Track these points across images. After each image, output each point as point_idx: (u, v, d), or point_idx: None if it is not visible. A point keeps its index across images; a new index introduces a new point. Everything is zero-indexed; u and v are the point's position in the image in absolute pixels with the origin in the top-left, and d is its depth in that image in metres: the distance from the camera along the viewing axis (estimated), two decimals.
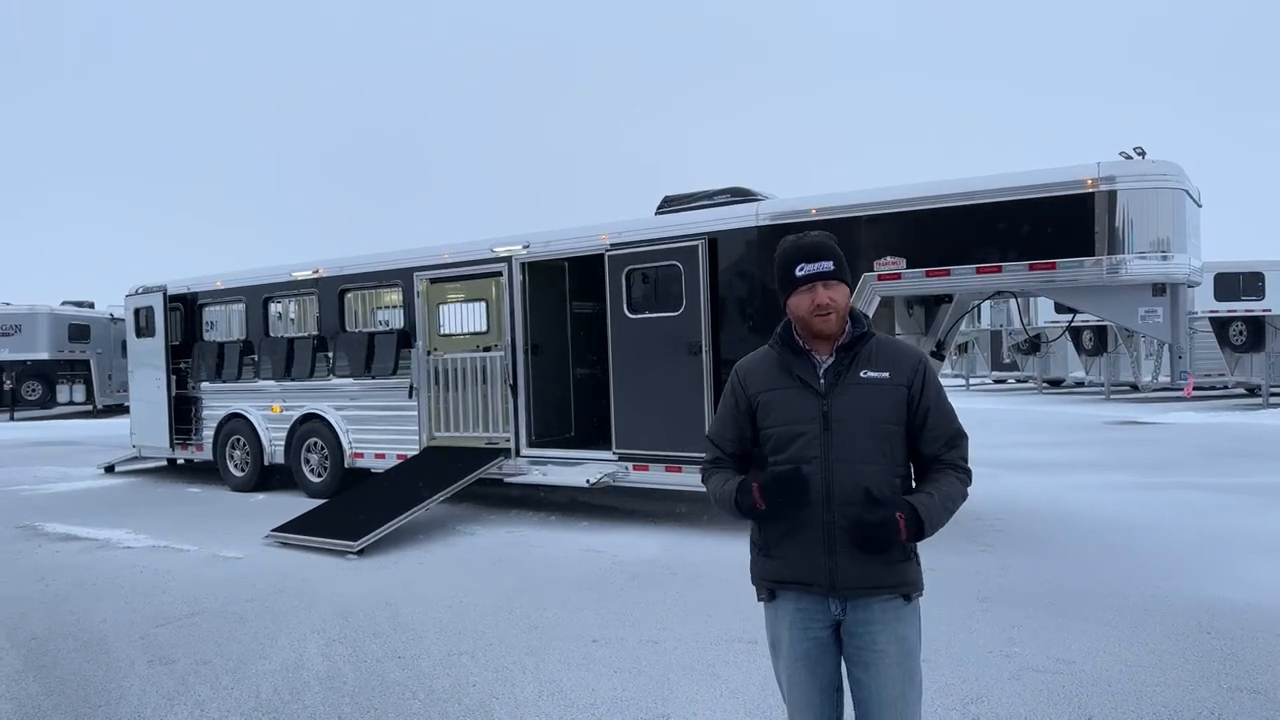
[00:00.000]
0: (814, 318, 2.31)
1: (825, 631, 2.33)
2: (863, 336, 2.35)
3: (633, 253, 7.82)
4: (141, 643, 4.94)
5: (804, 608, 2.33)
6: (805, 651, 2.33)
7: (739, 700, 3.91)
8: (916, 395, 2.33)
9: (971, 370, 31.58)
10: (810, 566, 2.29)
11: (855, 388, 2.30)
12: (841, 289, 2.32)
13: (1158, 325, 6.33)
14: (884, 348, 2.37)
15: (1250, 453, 11.89)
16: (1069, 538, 6.97)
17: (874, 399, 2.29)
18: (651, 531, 7.63)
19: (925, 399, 2.33)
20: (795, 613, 2.34)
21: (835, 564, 2.26)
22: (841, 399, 2.29)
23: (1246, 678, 4.05)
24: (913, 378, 2.33)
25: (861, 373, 2.31)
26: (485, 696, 4.06)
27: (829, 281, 2.30)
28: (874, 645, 2.28)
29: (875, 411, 2.29)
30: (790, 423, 2.31)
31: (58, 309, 23.37)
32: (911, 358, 2.37)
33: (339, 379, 9.94)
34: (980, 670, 4.20)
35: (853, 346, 2.33)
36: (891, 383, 2.31)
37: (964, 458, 2.37)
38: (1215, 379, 21.50)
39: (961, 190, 6.55)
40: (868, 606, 2.29)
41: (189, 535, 7.94)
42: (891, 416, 2.30)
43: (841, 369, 2.32)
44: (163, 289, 11.45)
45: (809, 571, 2.29)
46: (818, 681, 2.34)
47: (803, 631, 2.33)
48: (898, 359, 2.35)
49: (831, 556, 2.26)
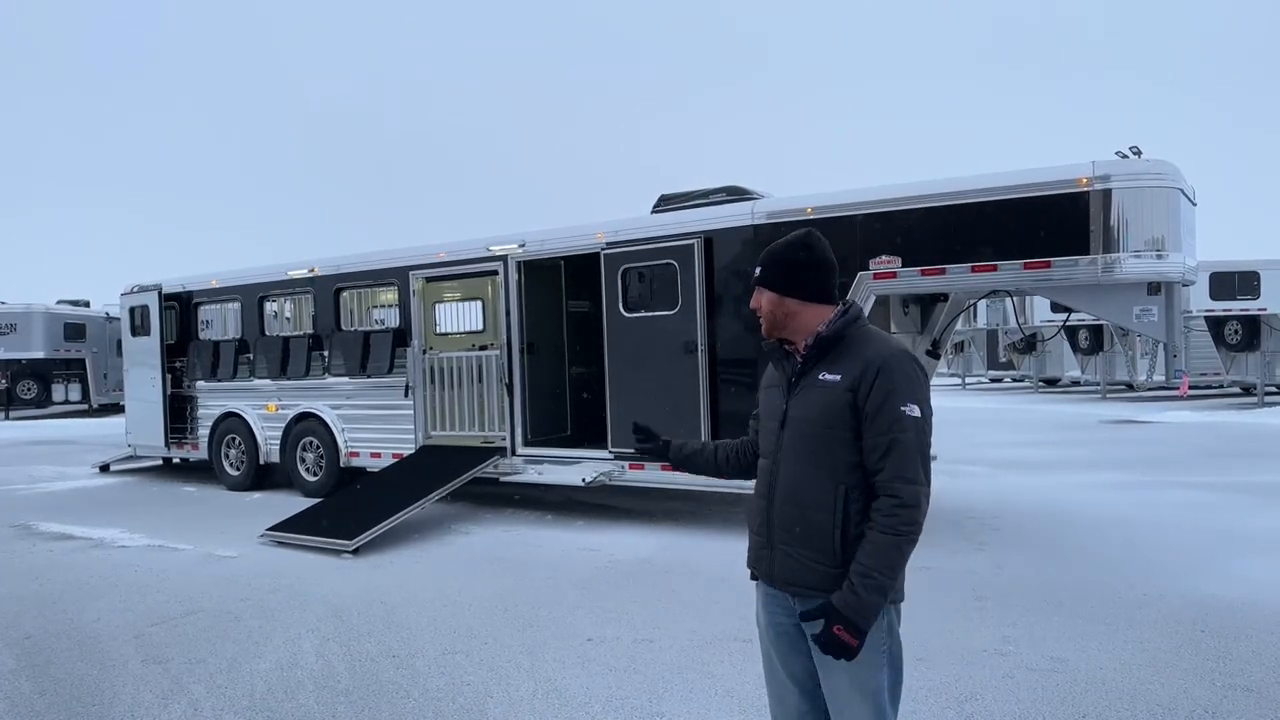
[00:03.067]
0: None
1: (790, 622, 2.33)
2: (834, 337, 2.26)
3: (628, 251, 7.82)
4: (136, 642, 4.93)
5: (771, 596, 2.39)
6: (774, 638, 2.39)
7: (734, 699, 3.92)
8: (863, 399, 2.16)
9: (967, 369, 31.66)
10: (759, 558, 2.39)
11: (809, 389, 2.28)
12: (765, 295, 2.35)
13: (1153, 324, 6.34)
14: (854, 347, 2.24)
15: (1245, 452, 11.91)
16: (1064, 536, 6.98)
17: (818, 402, 2.23)
18: (647, 530, 7.63)
19: (871, 402, 2.15)
20: (764, 598, 2.42)
21: (774, 557, 2.32)
22: (797, 400, 2.31)
23: (1240, 675, 4.06)
24: (858, 381, 2.17)
25: (820, 375, 2.26)
26: (480, 695, 4.06)
27: (758, 287, 2.38)
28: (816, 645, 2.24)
29: (816, 415, 2.23)
30: (766, 419, 2.42)
31: (53, 308, 23.33)
32: (867, 358, 2.19)
33: (335, 378, 9.92)
34: (975, 669, 4.21)
35: (821, 347, 2.28)
36: (841, 386, 2.19)
37: (900, 477, 2.10)
38: (1210, 378, 21.55)
39: (957, 189, 6.55)
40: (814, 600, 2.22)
41: (184, 534, 7.93)
42: (831, 421, 2.19)
43: (806, 369, 2.31)
44: (158, 288, 11.43)
45: (757, 561, 2.40)
46: (789, 670, 2.36)
47: (770, 618, 2.39)
48: (856, 361, 2.20)
49: (771, 550, 2.33)
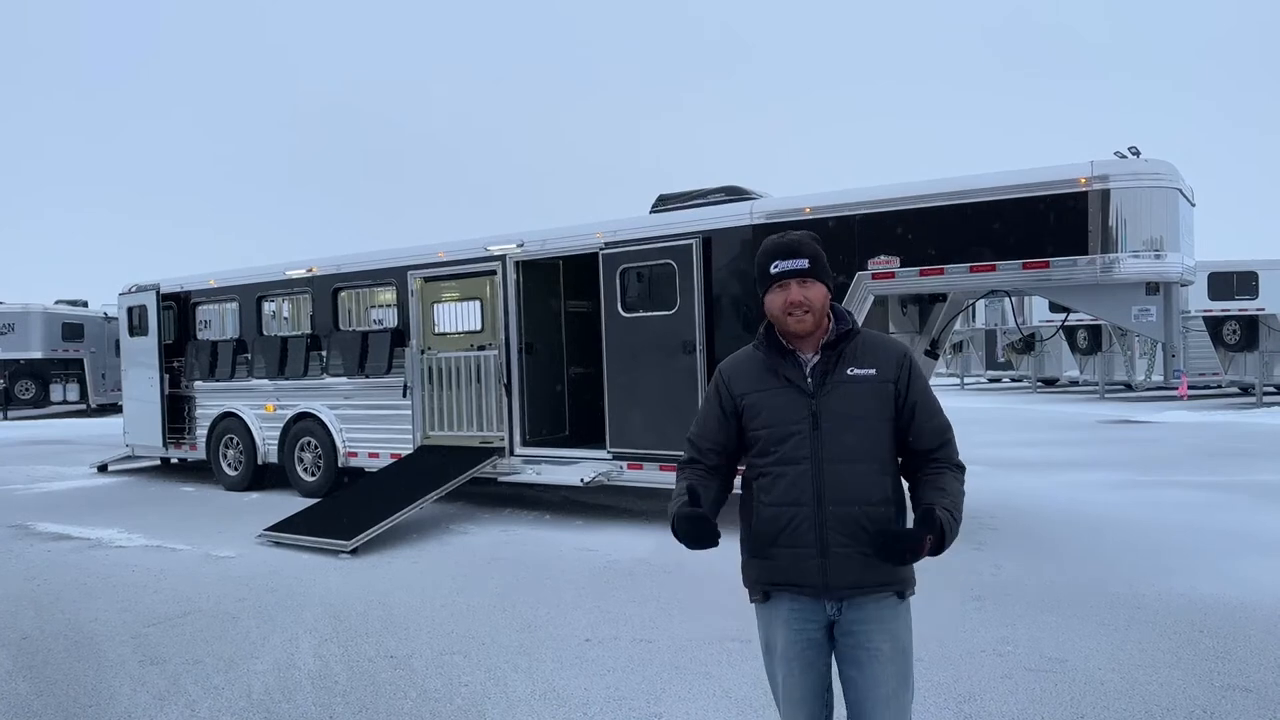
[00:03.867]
0: (787, 316, 2.29)
1: (819, 632, 2.32)
2: (848, 334, 2.33)
3: (627, 251, 7.81)
4: (133, 642, 4.92)
5: (799, 609, 2.31)
6: (799, 652, 2.31)
7: (732, 699, 3.91)
8: (903, 391, 2.31)
9: (966, 369, 31.66)
10: (803, 568, 2.26)
11: (843, 386, 2.28)
12: (817, 287, 2.29)
13: (1151, 324, 6.34)
14: (869, 344, 2.35)
15: (1243, 452, 11.92)
16: (1062, 536, 6.98)
17: (862, 396, 2.28)
18: (645, 531, 7.62)
19: (912, 394, 2.31)
20: (790, 613, 2.32)
21: (828, 565, 2.24)
22: (830, 397, 2.27)
23: (1238, 675, 4.05)
24: (899, 374, 2.31)
25: (848, 370, 2.29)
26: (477, 696, 4.05)
27: (804, 280, 2.28)
28: (868, 643, 2.26)
29: (864, 409, 2.27)
30: (780, 424, 2.29)
31: (51, 308, 23.32)
32: (896, 353, 2.35)
33: (333, 378, 9.91)
34: (973, 669, 4.20)
35: (838, 344, 2.31)
36: (879, 379, 2.29)
37: (955, 451, 2.36)
38: (1209, 378, 21.55)
39: (955, 189, 6.55)
40: (862, 605, 2.27)
41: (182, 534, 7.92)
42: (880, 413, 2.29)
43: (829, 367, 2.30)
44: (156, 288, 11.42)
45: (802, 573, 2.27)
46: (810, 682, 2.33)
47: (797, 633, 2.31)
48: (883, 355, 2.33)
49: (824, 557, 2.24)
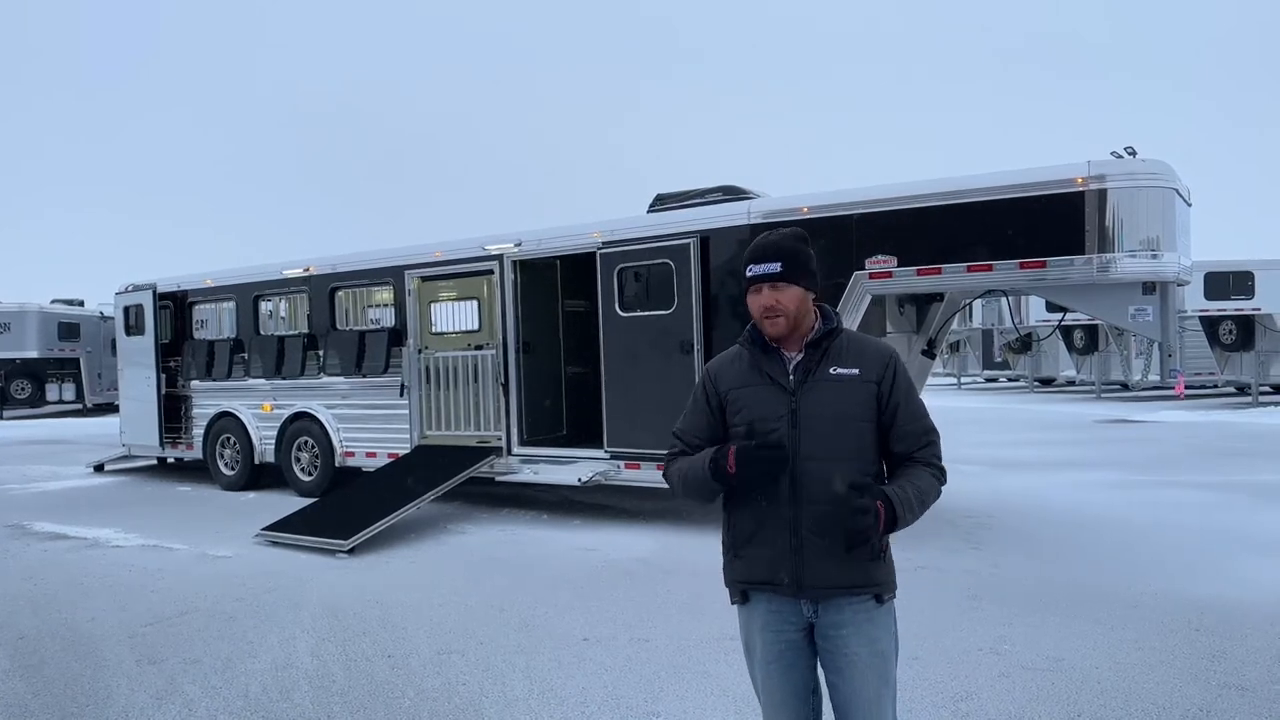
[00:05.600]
0: (763, 319, 2.30)
1: (798, 634, 2.30)
2: (831, 333, 2.32)
3: (625, 251, 7.81)
4: (130, 642, 4.92)
5: (776, 609, 2.30)
6: (778, 654, 2.31)
7: (729, 699, 3.91)
8: (886, 392, 2.30)
9: (963, 369, 31.67)
10: (777, 566, 2.26)
11: (824, 384, 2.28)
12: (790, 290, 2.28)
13: (1148, 324, 6.36)
14: (853, 344, 2.35)
15: (1240, 451, 11.94)
16: (1059, 536, 6.99)
17: (843, 395, 2.27)
18: (643, 530, 7.62)
19: (895, 395, 2.30)
20: (767, 614, 2.32)
21: (801, 563, 2.23)
22: (810, 396, 2.27)
23: (1235, 675, 4.06)
24: (883, 374, 2.31)
25: (831, 369, 2.29)
26: (475, 695, 4.05)
27: (775, 283, 2.28)
28: (845, 649, 2.25)
29: (844, 408, 2.26)
30: (758, 419, 2.28)
31: (47, 307, 23.28)
32: (881, 354, 2.34)
33: (330, 377, 9.90)
34: (970, 668, 4.21)
35: (821, 343, 2.31)
36: (861, 379, 2.29)
37: (937, 456, 2.35)
38: (1205, 378, 21.59)
39: (953, 189, 6.56)
40: (840, 609, 2.25)
41: (179, 534, 7.91)
42: (861, 413, 2.28)
43: (811, 365, 2.30)
44: (153, 287, 11.40)
45: (776, 571, 2.26)
46: (791, 684, 2.32)
47: (775, 634, 2.31)
48: (867, 355, 2.33)
49: (798, 555, 2.23)
